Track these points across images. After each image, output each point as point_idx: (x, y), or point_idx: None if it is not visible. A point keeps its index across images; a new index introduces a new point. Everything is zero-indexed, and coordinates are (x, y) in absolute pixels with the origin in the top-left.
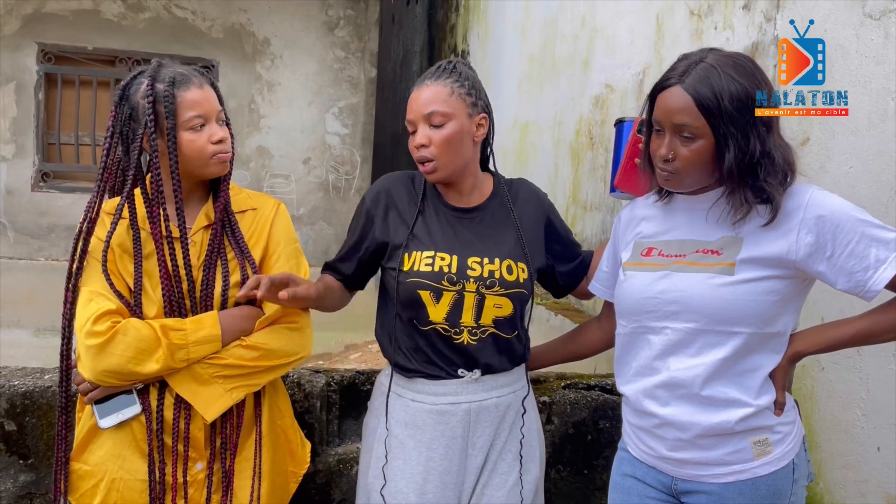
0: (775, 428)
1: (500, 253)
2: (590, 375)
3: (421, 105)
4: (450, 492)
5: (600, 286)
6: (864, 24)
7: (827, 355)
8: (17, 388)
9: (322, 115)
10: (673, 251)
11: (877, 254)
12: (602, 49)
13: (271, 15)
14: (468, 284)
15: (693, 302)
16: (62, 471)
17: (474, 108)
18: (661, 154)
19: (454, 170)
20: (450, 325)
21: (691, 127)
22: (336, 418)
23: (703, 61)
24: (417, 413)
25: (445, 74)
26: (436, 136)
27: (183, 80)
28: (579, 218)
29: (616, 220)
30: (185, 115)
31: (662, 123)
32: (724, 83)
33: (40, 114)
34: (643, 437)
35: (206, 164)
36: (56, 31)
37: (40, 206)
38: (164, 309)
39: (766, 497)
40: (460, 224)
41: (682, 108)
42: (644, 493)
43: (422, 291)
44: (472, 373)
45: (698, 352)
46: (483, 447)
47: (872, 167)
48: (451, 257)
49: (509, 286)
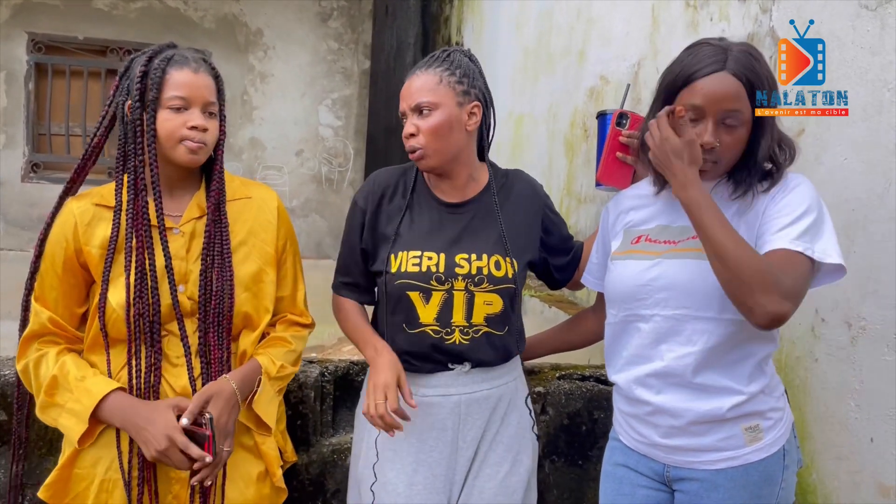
0: (766, 414)
1: (488, 248)
2: (584, 366)
3: (409, 95)
4: (440, 483)
5: (591, 278)
6: (861, 15)
7: (820, 346)
8: (7, 378)
9: (315, 107)
10: (664, 238)
11: (789, 230)
12: (597, 41)
13: (264, 5)
14: (457, 283)
15: (684, 287)
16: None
17: (465, 97)
18: (706, 142)
19: (444, 159)
20: (440, 326)
21: (741, 113)
22: (330, 409)
23: (732, 48)
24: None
25: (437, 63)
26: (423, 125)
27: (179, 61)
28: (573, 210)
29: (604, 210)
30: (168, 92)
31: (706, 110)
32: (764, 69)
33: (30, 104)
34: (635, 424)
35: (174, 147)
36: (46, 21)
37: (31, 197)
38: (129, 303)
39: (757, 483)
40: (448, 219)
41: (734, 94)
42: (636, 481)
43: (411, 293)
44: (463, 366)
45: (688, 339)
46: (474, 439)
47: (868, 158)
48: (438, 256)
49: (498, 282)
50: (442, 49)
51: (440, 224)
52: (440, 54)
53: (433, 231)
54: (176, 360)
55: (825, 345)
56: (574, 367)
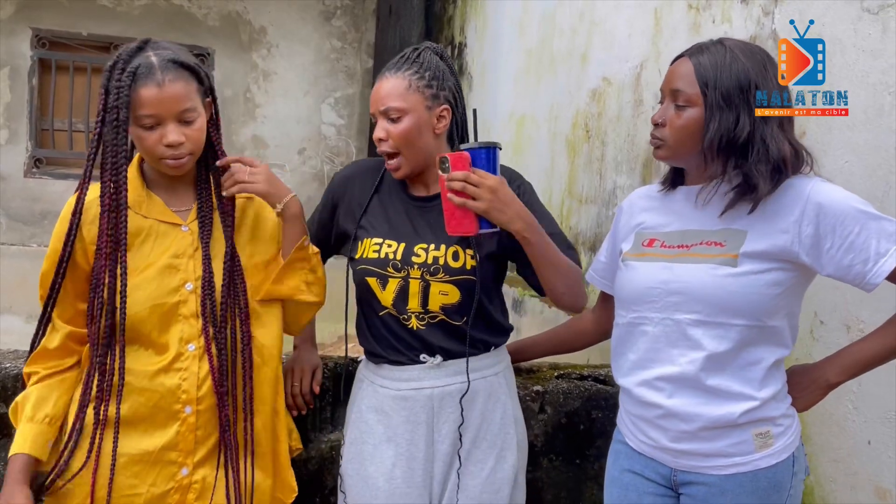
0: (777, 420)
1: (448, 240)
2: (583, 366)
3: (379, 99)
4: (418, 478)
5: (598, 276)
6: (862, 18)
7: (818, 348)
8: (9, 371)
9: (318, 105)
10: (676, 242)
11: (877, 246)
12: (600, 43)
13: (268, 4)
14: (412, 271)
15: (696, 292)
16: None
17: (434, 101)
18: (652, 119)
19: (416, 164)
20: (397, 312)
21: (685, 94)
22: (328, 405)
23: (718, 43)
24: (384, 399)
25: (406, 65)
26: (393, 131)
27: (144, 74)
28: (575, 211)
29: (617, 210)
30: (137, 111)
31: (663, 91)
32: (728, 60)
33: (34, 99)
34: (644, 427)
35: (156, 162)
36: (51, 17)
37: (33, 193)
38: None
39: (765, 489)
40: (418, 213)
41: (682, 74)
42: (642, 488)
43: (369, 278)
44: (434, 358)
45: (700, 344)
46: (449, 433)
47: (869, 162)
48: (398, 244)
49: (454, 272)
50: (412, 48)
51: (406, 216)
52: (410, 54)
53: (400, 222)
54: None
55: (823, 347)
56: (573, 366)
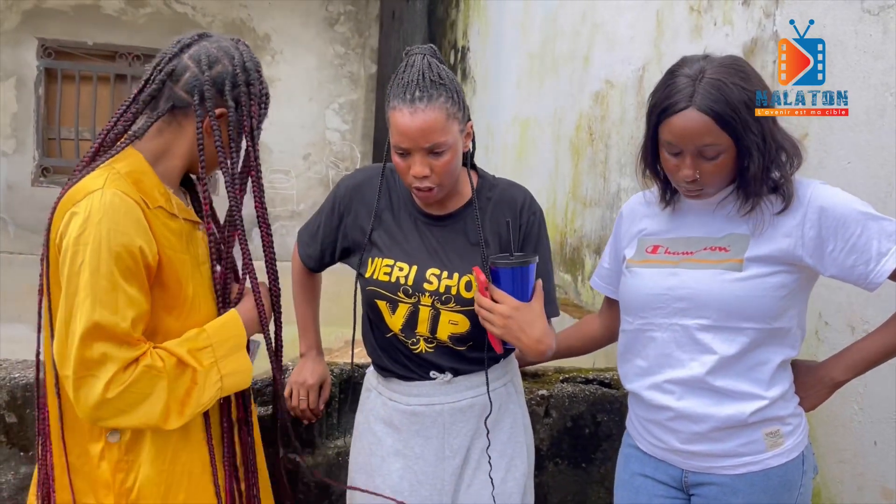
0: (786, 420)
1: (460, 267)
2: (588, 369)
3: (419, 135)
4: (426, 491)
5: (602, 283)
6: (863, 19)
7: (823, 349)
8: (17, 381)
9: (322, 111)
10: (680, 248)
11: (878, 246)
12: (602, 45)
13: (272, 11)
14: (423, 298)
15: (703, 298)
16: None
17: (463, 122)
18: (684, 175)
19: (448, 188)
20: (405, 337)
21: (716, 147)
22: (335, 411)
23: (704, 76)
24: (394, 413)
25: (437, 92)
26: (437, 165)
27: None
28: (579, 213)
29: (618, 216)
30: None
31: (683, 147)
32: (736, 94)
33: (40, 109)
34: (654, 430)
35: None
36: (56, 27)
37: (41, 201)
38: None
39: (777, 488)
40: (428, 231)
41: (704, 130)
42: (653, 490)
43: (378, 301)
44: (444, 375)
45: (709, 348)
46: (460, 448)
47: (871, 163)
48: (409, 268)
49: (466, 303)
50: (426, 65)
51: (419, 234)
52: (432, 77)
53: (410, 241)
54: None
55: (829, 348)
56: (578, 369)
